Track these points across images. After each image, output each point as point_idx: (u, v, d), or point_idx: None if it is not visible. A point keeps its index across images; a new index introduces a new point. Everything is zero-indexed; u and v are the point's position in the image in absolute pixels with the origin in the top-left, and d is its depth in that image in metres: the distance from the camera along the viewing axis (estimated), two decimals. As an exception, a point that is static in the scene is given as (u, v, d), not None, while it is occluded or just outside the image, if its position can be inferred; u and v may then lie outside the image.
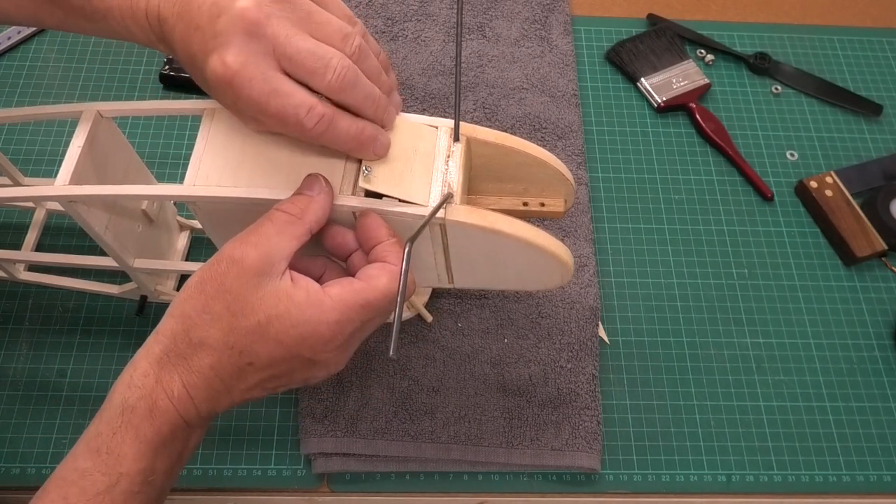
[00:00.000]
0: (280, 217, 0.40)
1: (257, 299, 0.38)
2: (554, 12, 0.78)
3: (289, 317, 0.38)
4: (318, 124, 0.39)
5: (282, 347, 0.38)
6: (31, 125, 0.70)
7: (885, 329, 0.64)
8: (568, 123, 0.70)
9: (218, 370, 0.39)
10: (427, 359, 0.59)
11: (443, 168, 0.43)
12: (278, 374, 0.40)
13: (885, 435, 0.59)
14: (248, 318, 0.38)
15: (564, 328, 0.60)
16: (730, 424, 0.59)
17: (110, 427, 0.38)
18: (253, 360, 0.39)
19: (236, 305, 0.38)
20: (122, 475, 0.37)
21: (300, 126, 0.39)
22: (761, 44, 0.79)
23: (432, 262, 0.46)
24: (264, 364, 0.39)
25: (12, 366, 0.59)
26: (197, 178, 0.43)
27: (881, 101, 0.75)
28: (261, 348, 0.38)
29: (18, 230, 0.65)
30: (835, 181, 0.69)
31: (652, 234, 0.68)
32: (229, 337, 0.38)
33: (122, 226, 0.52)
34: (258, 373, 0.39)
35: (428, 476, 0.57)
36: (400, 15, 0.76)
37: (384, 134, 0.42)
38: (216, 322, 0.38)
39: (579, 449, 0.56)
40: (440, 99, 0.71)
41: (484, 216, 0.42)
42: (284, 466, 0.57)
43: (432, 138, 0.44)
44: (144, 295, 0.60)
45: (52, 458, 0.56)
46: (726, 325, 0.64)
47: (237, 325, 0.38)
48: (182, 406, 0.38)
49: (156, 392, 0.38)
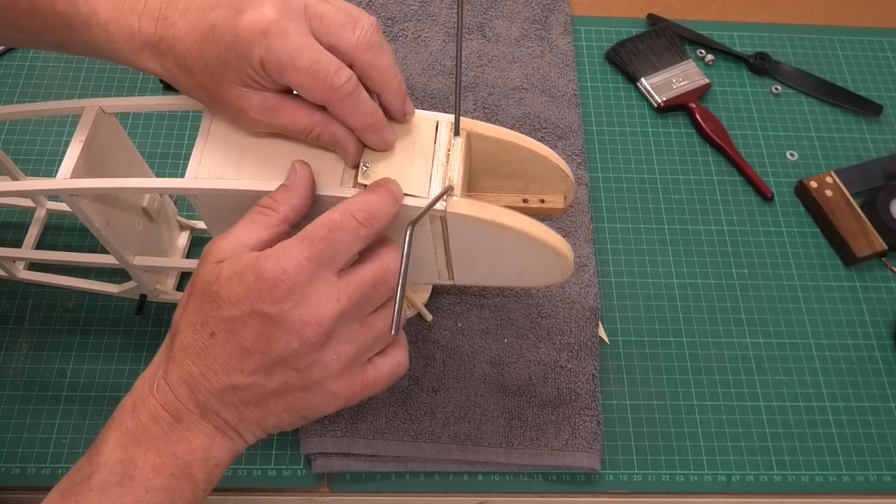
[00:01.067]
0: (254, 209, 0.40)
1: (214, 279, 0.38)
2: (554, 12, 0.78)
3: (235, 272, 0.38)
4: (346, 83, 0.39)
5: (232, 305, 0.37)
6: (32, 124, 0.70)
7: (885, 329, 0.64)
8: (568, 123, 0.70)
9: (187, 349, 0.38)
10: (427, 359, 0.59)
11: (443, 162, 0.43)
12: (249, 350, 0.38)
13: (885, 435, 0.59)
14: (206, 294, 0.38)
15: (564, 328, 0.60)
16: (730, 424, 0.59)
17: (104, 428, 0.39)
18: (213, 329, 0.38)
19: (199, 289, 0.39)
20: (101, 464, 0.37)
21: (328, 83, 0.39)
22: (761, 44, 0.79)
23: (433, 258, 0.46)
24: (223, 329, 0.38)
25: (12, 366, 0.59)
26: (199, 171, 0.43)
27: (881, 101, 0.75)
28: (215, 311, 0.38)
29: (19, 229, 0.65)
30: (835, 181, 0.69)
31: (652, 234, 0.68)
32: (193, 316, 0.39)
33: (123, 221, 0.52)
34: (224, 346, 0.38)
35: (428, 476, 0.57)
36: (400, 15, 0.76)
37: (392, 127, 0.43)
38: (186, 311, 0.39)
39: (579, 449, 0.56)
40: (440, 99, 0.71)
41: (485, 209, 0.42)
42: (284, 466, 0.57)
43: (432, 132, 0.44)
44: (144, 294, 0.60)
45: (51, 458, 0.56)
46: (726, 325, 0.64)
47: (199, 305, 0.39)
48: (161, 394, 0.39)
49: (142, 390, 0.39)
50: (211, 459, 0.39)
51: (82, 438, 0.57)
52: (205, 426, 0.39)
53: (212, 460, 0.39)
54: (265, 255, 0.38)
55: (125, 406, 0.39)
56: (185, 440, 0.39)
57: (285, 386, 0.39)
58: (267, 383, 0.38)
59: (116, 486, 0.37)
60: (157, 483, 0.38)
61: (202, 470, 0.39)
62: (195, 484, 0.39)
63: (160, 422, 0.38)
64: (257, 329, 0.37)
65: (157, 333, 0.61)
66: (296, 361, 0.38)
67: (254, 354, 0.38)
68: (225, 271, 0.38)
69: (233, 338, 0.38)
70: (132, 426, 0.38)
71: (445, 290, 0.62)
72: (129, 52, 0.42)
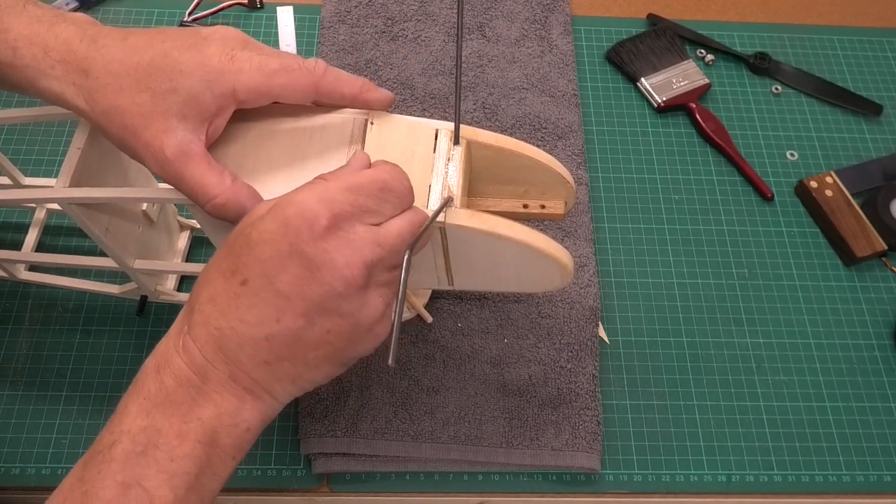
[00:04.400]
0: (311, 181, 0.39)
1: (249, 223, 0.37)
2: (554, 12, 0.78)
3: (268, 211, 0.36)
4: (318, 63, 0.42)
5: (266, 245, 0.35)
6: (31, 125, 0.70)
7: (885, 329, 0.64)
8: (568, 123, 0.70)
9: (215, 300, 0.36)
10: (427, 359, 0.59)
11: (443, 171, 0.43)
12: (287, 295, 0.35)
13: (885, 435, 0.59)
14: (237, 238, 0.37)
15: (564, 328, 0.60)
16: (730, 424, 0.59)
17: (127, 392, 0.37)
18: (246, 275, 0.35)
19: (232, 238, 0.37)
20: (123, 432, 0.35)
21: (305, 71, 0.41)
22: (761, 44, 0.79)
23: (432, 265, 0.46)
24: (257, 274, 0.35)
25: (12, 365, 0.59)
26: None
27: (881, 101, 0.75)
28: (246, 254, 0.35)
29: (18, 230, 0.65)
30: (835, 181, 0.69)
31: (652, 234, 0.68)
32: (223, 263, 0.37)
33: (123, 227, 0.52)
34: (258, 294, 0.35)
35: (428, 476, 0.57)
36: (400, 15, 0.76)
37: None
38: (216, 259, 0.37)
39: (579, 449, 0.56)
40: (440, 99, 0.71)
41: (484, 220, 0.42)
42: (284, 466, 0.57)
43: (431, 141, 0.44)
44: (145, 295, 0.61)
45: (51, 459, 0.56)
46: (726, 325, 0.64)
47: (230, 250, 0.37)
48: (185, 352, 0.36)
49: (167, 350, 0.37)
50: (241, 424, 0.37)
51: (82, 438, 0.57)
52: (234, 387, 0.37)
53: (241, 425, 0.37)
54: (302, 191, 0.36)
55: (148, 367, 0.37)
56: (212, 403, 0.36)
57: (327, 335, 0.37)
58: (307, 333, 0.36)
59: (140, 456, 0.35)
60: (182, 451, 0.35)
61: (230, 435, 0.37)
62: (223, 451, 0.37)
63: (185, 384, 0.36)
64: (297, 272, 0.35)
65: (157, 334, 0.61)
66: (340, 306, 0.36)
67: (293, 300, 0.35)
68: (258, 212, 0.36)
69: (269, 283, 0.35)
70: (155, 389, 0.36)
71: (445, 292, 0.62)
72: (35, 71, 0.41)
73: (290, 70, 0.41)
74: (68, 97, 0.41)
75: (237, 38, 0.41)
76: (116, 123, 0.40)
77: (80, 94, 0.40)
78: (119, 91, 0.40)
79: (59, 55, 0.40)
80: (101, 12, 0.77)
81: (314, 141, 0.44)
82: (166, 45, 0.40)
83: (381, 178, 0.38)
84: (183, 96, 0.39)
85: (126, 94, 0.40)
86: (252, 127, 0.44)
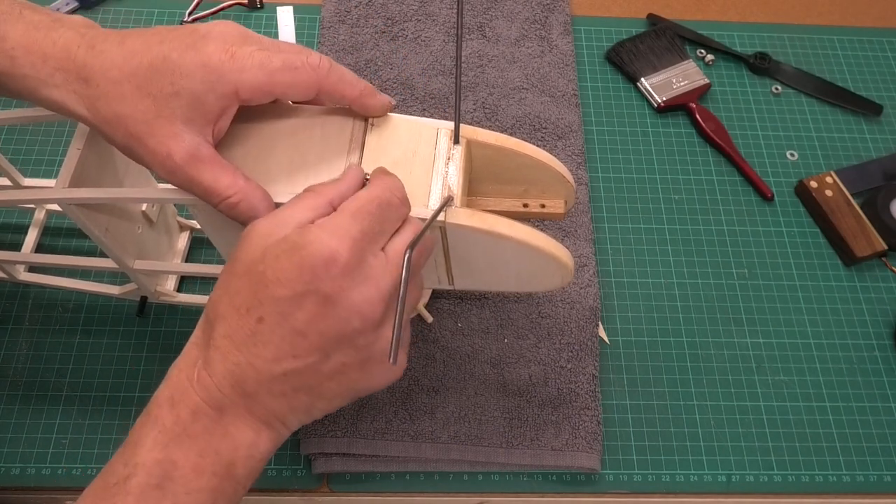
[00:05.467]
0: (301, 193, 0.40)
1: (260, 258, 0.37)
2: (554, 12, 0.78)
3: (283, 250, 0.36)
4: (322, 60, 0.41)
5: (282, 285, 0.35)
6: (31, 126, 0.70)
7: (885, 329, 0.64)
8: (568, 123, 0.70)
9: (231, 337, 0.36)
10: (427, 359, 0.59)
11: (443, 170, 0.43)
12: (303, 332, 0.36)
13: (885, 435, 0.59)
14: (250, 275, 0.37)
15: (564, 328, 0.60)
16: (730, 424, 0.59)
17: (139, 422, 0.37)
18: (261, 313, 0.36)
19: (242, 270, 0.37)
20: (139, 465, 0.35)
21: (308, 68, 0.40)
22: (761, 44, 0.79)
23: (433, 264, 0.46)
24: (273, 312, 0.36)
25: (12, 366, 0.59)
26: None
27: (881, 101, 0.75)
28: (262, 293, 0.36)
29: (18, 230, 0.65)
30: (835, 181, 0.69)
31: (652, 234, 0.68)
32: (236, 299, 0.37)
33: (122, 227, 0.52)
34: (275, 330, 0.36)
35: (428, 476, 0.57)
36: (400, 15, 0.76)
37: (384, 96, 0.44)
38: (228, 293, 0.37)
39: (579, 449, 0.56)
40: (440, 99, 0.71)
41: (484, 219, 0.42)
42: (284, 466, 0.57)
43: (432, 140, 0.44)
44: (145, 296, 0.60)
45: (51, 459, 0.56)
46: (726, 325, 0.64)
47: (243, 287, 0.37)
48: (201, 387, 0.36)
49: (180, 381, 0.37)
50: (255, 455, 0.38)
51: (82, 438, 0.57)
52: (251, 420, 0.37)
53: (256, 455, 0.38)
54: (314, 229, 0.36)
55: (161, 398, 0.37)
56: (228, 436, 0.37)
57: (342, 367, 0.37)
58: (323, 366, 0.37)
59: (155, 489, 0.35)
60: (198, 485, 0.36)
61: (244, 466, 0.37)
62: (236, 481, 0.37)
63: (202, 418, 0.36)
64: (312, 309, 0.36)
65: (157, 334, 0.61)
66: (355, 340, 0.37)
67: (309, 336, 0.36)
68: (272, 249, 0.36)
69: (284, 321, 0.36)
70: (170, 423, 0.36)
71: (445, 292, 0.62)
72: (35, 81, 0.40)
73: (293, 68, 0.40)
74: (70, 106, 0.40)
75: (236, 34, 0.41)
76: (120, 131, 0.40)
77: (82, 102, 0.40)
78: (120, 99, 0.39)
79: (58, 63, 0.40)
80: (100, 12, 0.77)
81: (315, 141, 0.44)
82: (164, 48, 0.39)
83: (377, 196, 0.39)
84: (186, 99, 0.39)
85: (128, 102, 0.39)
86: (252, 126, 0.44)
